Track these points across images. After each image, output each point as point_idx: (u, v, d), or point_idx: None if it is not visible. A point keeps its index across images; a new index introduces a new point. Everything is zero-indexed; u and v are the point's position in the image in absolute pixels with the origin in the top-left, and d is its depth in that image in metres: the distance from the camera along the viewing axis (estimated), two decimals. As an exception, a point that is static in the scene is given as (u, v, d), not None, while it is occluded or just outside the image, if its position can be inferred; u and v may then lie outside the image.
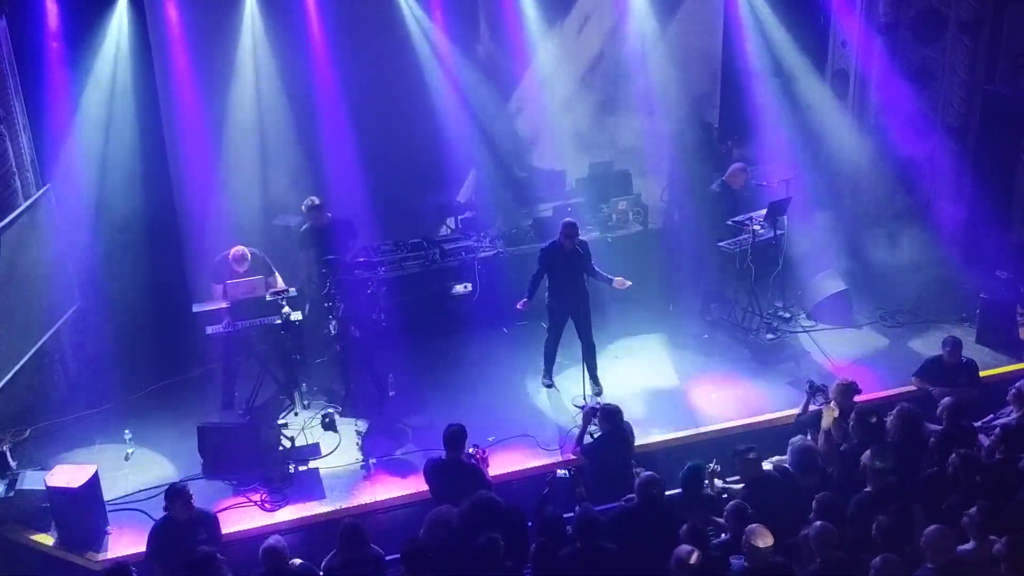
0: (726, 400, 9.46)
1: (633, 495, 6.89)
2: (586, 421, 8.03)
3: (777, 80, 11.64)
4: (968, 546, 6.18)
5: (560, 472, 7.40)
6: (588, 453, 7.90)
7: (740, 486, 7.23)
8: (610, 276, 9.32)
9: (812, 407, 8.11)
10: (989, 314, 10.19)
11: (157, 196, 10.18)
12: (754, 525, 6.21)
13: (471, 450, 7.76)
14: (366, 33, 10.93)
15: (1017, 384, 7.80)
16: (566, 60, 11.94)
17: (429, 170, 11.58)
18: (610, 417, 7.75)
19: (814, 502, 6.61)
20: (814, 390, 8.15)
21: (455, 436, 7.44)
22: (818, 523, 6.26)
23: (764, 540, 6.09)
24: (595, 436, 7.93)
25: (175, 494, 6.96)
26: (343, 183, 10.88)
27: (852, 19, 11.38)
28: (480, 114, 11.46)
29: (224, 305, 9.18)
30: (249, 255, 9.38)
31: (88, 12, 9.60)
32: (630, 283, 9.34)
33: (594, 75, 12.31)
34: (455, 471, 7.38)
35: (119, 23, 9.75)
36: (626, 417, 7.97)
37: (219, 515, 7.53)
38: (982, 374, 9.04)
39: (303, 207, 9.97)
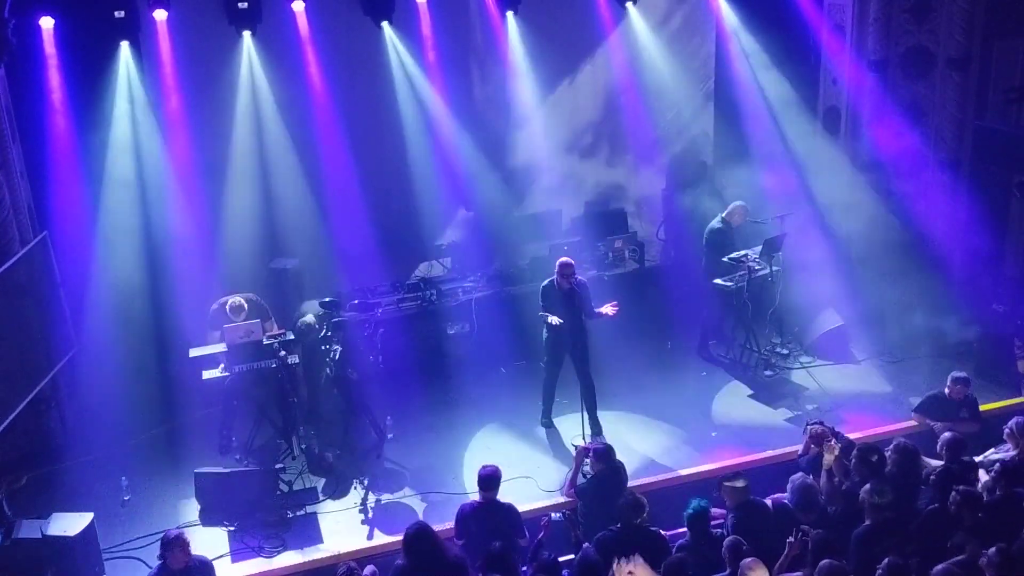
0: (725, 438, 9.43)
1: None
2: (578, 462, 7.99)
3: (770, 118, 11.73)
4: None
5: (555, 515, 7.33)
6: (581, 494, 7.86)
7: None
8: (599, 311, 9.32)
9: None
10: (987, 348, 10.20)
11: (154, 240, 10.22)
12: (748, 560, 6.16)
13: None
14: (362, 78, 11.02)
15: (1012, 421, 7.75)
16: (561, 99, 12.03)
17: (425, 210, 11.64)
18: (603, 457, 7.71)
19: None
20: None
21: (494, 477, 7.38)
22: (825, 560, 6.21)
23: (759, 575, 6.04)
24: (588, 477, 7.89)
25: (172, 542, 6.87)
26: (340, 225, 10.92)
27: (842, 57, 11.50)
28: (476, 154, 11.53)
29: (221, 349, 9.18)
30: (246, 304, 9.38)
31: (90, 59, 9.70)
32: (616, 306, 9.29)
33: (590, 114, 12.40)
34: (495, 512, 7.34)
35: (122, 70, 9.84)
36: (624, 456, 7.94)
37: (216, 562, 7.46)
38: (982, 408, 9.01)
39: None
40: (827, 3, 11.58)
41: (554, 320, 9.05)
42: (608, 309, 9.26)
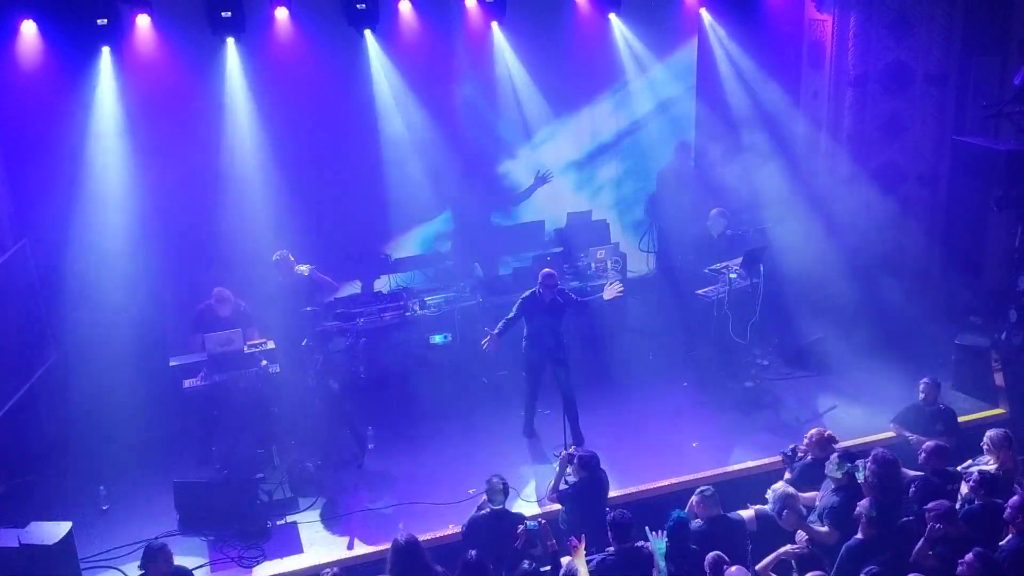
0: (706, 448, 9.46)
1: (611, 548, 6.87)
2: (562, 468, 8.02)
3: (752, 129, 11.82)
4: None
5: (530, 523, 7.34)
6: (564, 500, 7.88)
7: None
8: (598, 295, 9.36)
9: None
10: (965, 360, 10.28)
11: (134, 248, 10.15)
12: (733, 568, 6.19)
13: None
14: (345, 85, 11.00)
15: (988, 434, 7.81)
16: (546, 110, 12.07)
17: (407, 220, 11.66)
18: (587, 464, 7.73)
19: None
20: (793, 455, 8.13)
21: (506, 487, 7.42)
22: (813, 573, 6.24)
23: None
24: (571, 483, 7.91)
25: (155, 553, 6.81)
26: (321, 233, 10.89)
27: (822, 72, 11.60)
28: (459, 163, 11.54)
29: (201, 358, 9.12)
30: (232, 296, 9.37)
31: (71, 67, 9.63)
32: (621, 287, 9.33)
33: (574, 124, 12.45)
34: (506, 521, 7.36)
35: (104, 76, 9.79)
36: (605, 466, 7.95)
37: (195, 572, 7.42)
38: (961, 419, 9.08)
39: (274, 258, 9.93)
40: (807, 17, 11.70)
41: (486, 343, 9.12)
42: (613, 290, 9.29)
